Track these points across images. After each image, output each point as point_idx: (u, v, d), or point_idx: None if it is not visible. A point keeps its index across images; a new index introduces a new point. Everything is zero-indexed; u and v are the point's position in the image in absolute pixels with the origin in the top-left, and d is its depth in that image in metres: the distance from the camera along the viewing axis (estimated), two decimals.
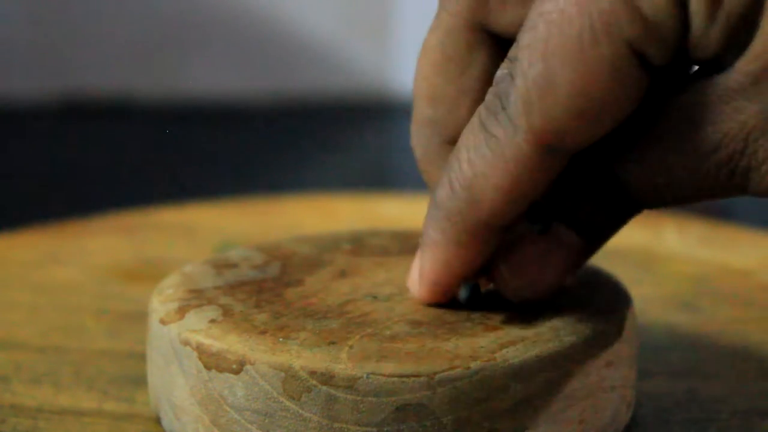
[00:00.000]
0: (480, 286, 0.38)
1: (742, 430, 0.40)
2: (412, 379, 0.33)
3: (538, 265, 0.37)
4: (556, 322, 0.37)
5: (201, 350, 0.35)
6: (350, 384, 0.33)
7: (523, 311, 0.37)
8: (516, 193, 0.35)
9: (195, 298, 0.39)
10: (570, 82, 0.32)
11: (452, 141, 0.39)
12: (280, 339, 0.35)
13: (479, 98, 0.38)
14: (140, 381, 0.42)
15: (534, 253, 0.37)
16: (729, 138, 0.33)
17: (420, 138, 0.40)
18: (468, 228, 0.36)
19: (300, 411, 0.34)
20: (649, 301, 0.52)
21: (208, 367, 0.35)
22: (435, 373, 0.33)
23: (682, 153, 0.34)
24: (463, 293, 0.38)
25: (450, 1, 0.38)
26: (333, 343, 0.35)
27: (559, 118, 0.33)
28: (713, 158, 0.33)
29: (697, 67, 0.35)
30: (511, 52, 0.34)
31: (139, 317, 0.45)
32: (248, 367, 0.34)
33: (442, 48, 0.39)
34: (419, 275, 0.39)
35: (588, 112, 0.32)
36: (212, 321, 0.37)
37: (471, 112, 0.38)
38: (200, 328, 0.36)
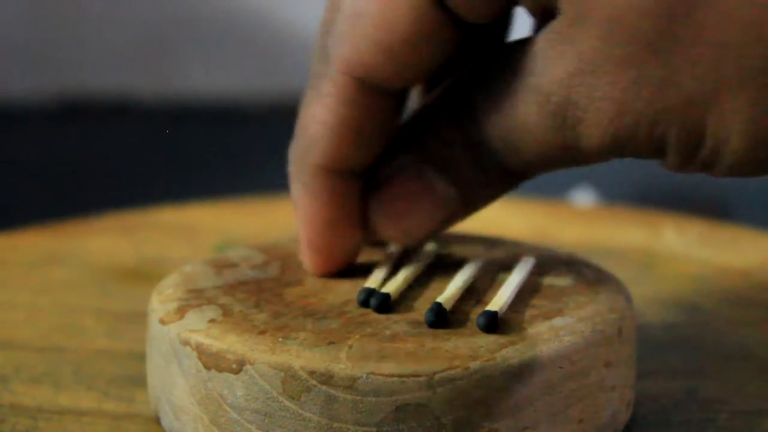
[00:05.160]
0: (445, 309, 0.37)
1: (742, 430, 0.39)
2: (412, 379, 0.33)
3: (408, 203, 0.37)
4: (556, 322, 0.37)
5: (200, 350, 0.35)
6: (350, 384, 0.33)
7: (523, 312, 0.37)
8: (343, 130, 0.35)
9: (195, 297, 0.39)
10: (374, 14, 0.33)
11: None
12: (280, 339, 0.35)
13: None
14: (140, 381, 0.42)
15: (403, 192, 0.37)
16: (555, 84, 0.32)
17: None
18: (312, 174, 0.37)
19: (299, 411, 0.34)
20: (649, 301, 0.52)
21: (207, 367, 0.35)
22: (434, 373, 0.33)
23: (520, 104, 0.33)
24: (428, 316, 0.36)
25: None
26: (332, 343, 0.35)
27: (365, 50, 0.33)
28: (546, 109, 0.32)
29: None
30: None
31: (139, 317, 0.45)
32: (248, 366, 0.34)
33: None
34: (301, 245, 0.40)
35: (391, 48, 0.33)
36: (212, 321, 0.37)
37: None
38: (200, 328, 0.36)
